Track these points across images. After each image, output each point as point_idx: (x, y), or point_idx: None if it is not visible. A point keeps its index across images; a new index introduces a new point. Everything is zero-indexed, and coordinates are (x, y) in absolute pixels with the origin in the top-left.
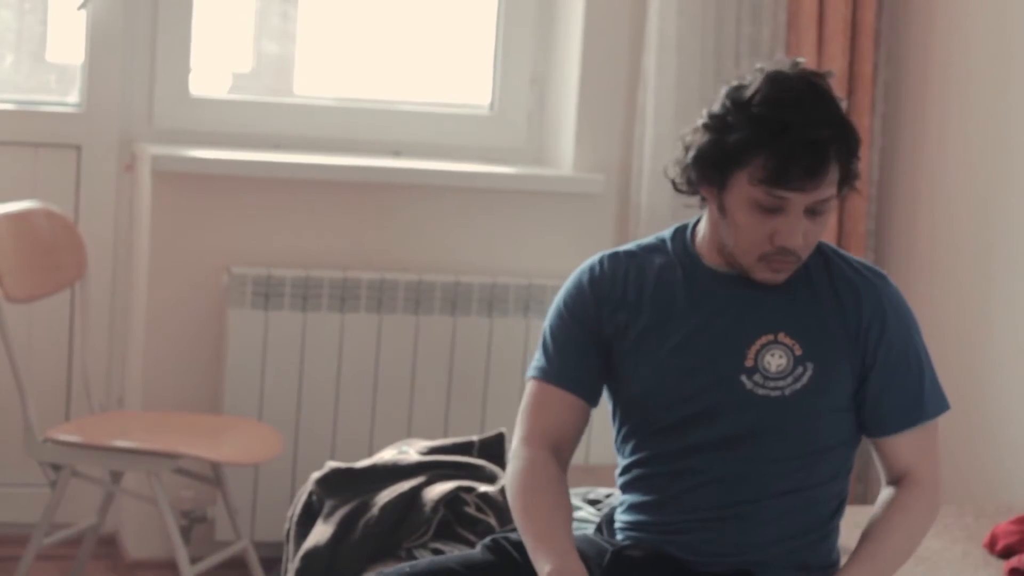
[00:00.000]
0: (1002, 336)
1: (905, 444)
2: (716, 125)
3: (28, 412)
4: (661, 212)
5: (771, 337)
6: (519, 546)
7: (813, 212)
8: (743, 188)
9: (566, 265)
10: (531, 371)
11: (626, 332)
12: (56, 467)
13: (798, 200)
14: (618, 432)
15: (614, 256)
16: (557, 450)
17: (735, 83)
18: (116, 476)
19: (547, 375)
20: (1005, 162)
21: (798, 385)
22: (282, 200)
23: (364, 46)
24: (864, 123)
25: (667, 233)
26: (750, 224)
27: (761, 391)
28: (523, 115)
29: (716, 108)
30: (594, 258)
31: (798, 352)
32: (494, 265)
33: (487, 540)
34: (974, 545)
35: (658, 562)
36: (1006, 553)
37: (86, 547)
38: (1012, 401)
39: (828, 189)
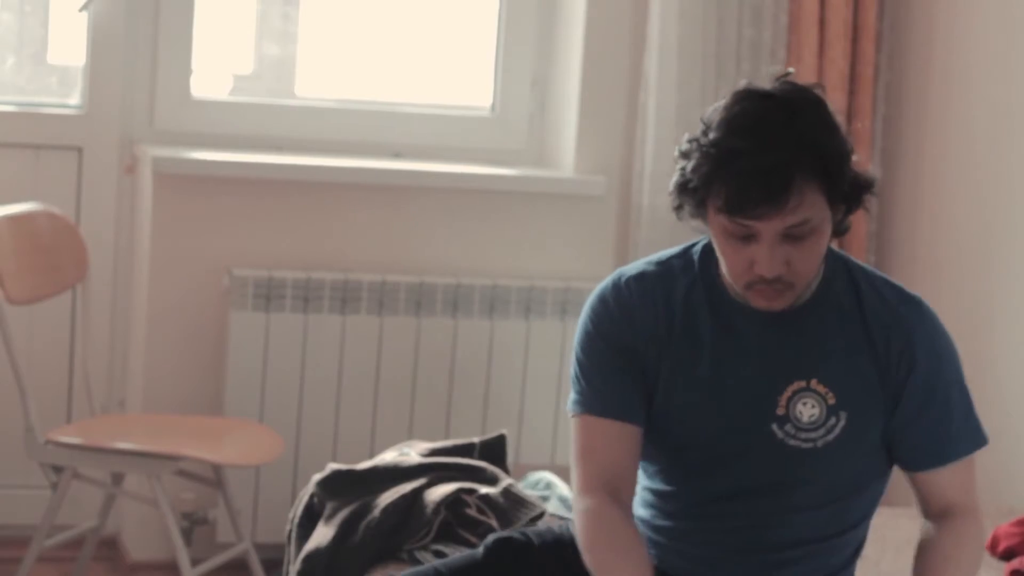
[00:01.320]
0: (1004, 337)
1: (941, 480)
2: (684, 153)
3: (29, 414)
4: (662, 214)
5: (803, 384)
6: (524, 547)
7: (792, 237)
8: (713, 217)
9: (567, 267)
10: (571, 407)
11: (658, 366)
12: (57, 469)
13: (766, 227)
14: (642, 458)
15: (640, 278)
16: (616, 489)
17: (714, 105)
18: (117, 478)
19: (590, 407)
20: (1006, 163)
21: (831, 437)
22: (283, 202)
23: (365, 48)
24: (865, 125)
25: (696, 250)
26: (728, 253)
27: (792, 442)
28: (524, 117)
29: (688, 134)
30: (615, 278)
31: (831, 401)
32: (495, 267)
33: (489, 540)
34: None
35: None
36: (1007, 555)
37: (87, 549)
38: (1013, 403)
39: (799, 213)
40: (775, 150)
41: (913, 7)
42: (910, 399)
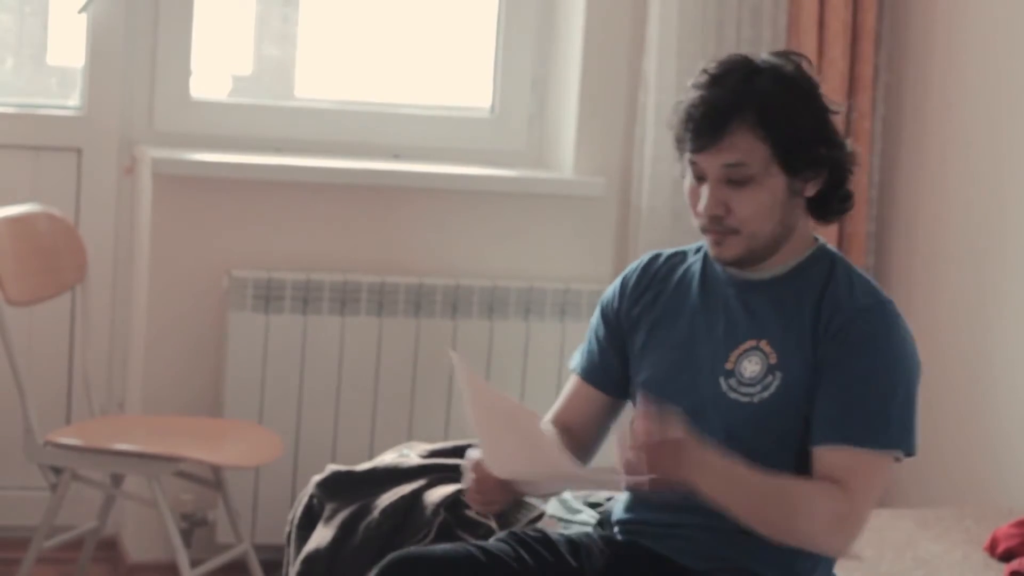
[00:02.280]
0: (1002, 339)
1: (830, 459)
2: (676, 106)
3: (29, 415)
4: (662, 214)
5: (753, 343)
6: (540, 541)
7: (733, 182)
8: (684, 161)
9: (567, 268)
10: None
11: (637, 328)
12: (57, 470)
13: (706, 163)
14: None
15: (656, 255)
16: (568, 430)
17: None
18: (117, 479)
19: (576, 367)
20: (1005, 164)
21: (766, 394)
22: (282, 203)
23: (365, 49)
24: (865, 126)
25: None
26: (689, 195)
27: (733, 395)
28: (524, 118)
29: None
30: (644, 256)
31: (772, 361)
32: (495, 268)
33: (502, 534)
34: (974, 548)
35: (655, 564)
36: (1007, 556)
37: (87, 550)
38: (1012, 404)
39: (733, 153)
40: (722, 94)
41: (912, 8)
42: (829, 371)
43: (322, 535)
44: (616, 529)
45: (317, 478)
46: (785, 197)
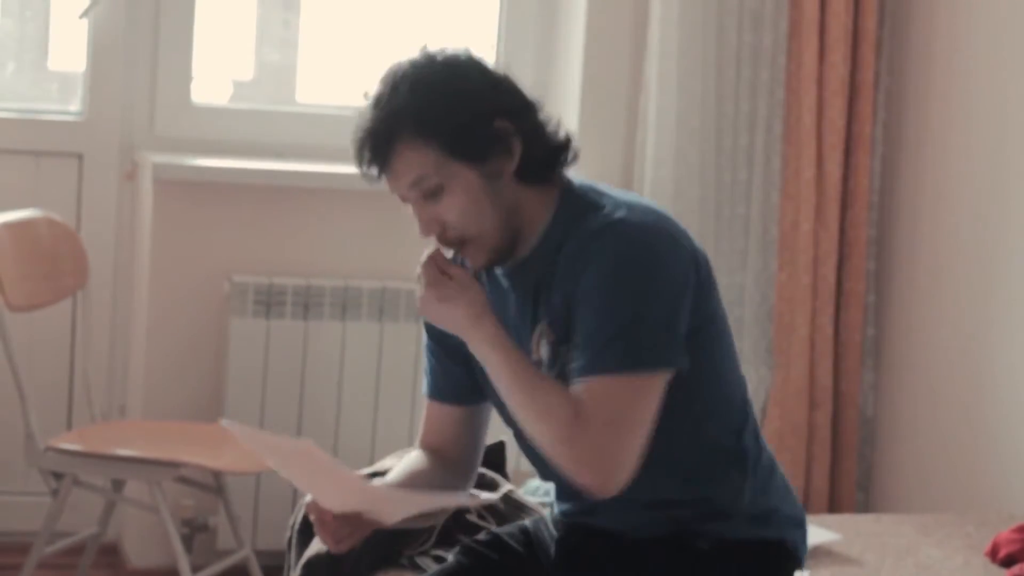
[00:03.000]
0: (1004, 342)
1: (575, 394)
2: None
3: (29, 421)
4: None
5: (539, 327)
6: (494, 545)
7: (427, 196)
8: None
9: None
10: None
11: (461, 343)
12: (58, 476)
13: (395, 188)
14: None
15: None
16: (438, 453)
17: None
18: (118, 485)
19: (425, 390)
20: (1006, 168)
21: (554, 371)
22: (283, 209)
23: (366, 54)
24: (866, 130)
25: None
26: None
27: None
28: None
29: None
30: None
31: (552, 339)
32: None
33: (458, 548)
34: (975, 554)
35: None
36: (1008, 562)
37: (87, 556)
38: (1013, 409)
39: (408, 171)
40: (372, 119)
41: (913, 13)
42: (574, 312)
43: None
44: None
45: None
46: (485, 185)
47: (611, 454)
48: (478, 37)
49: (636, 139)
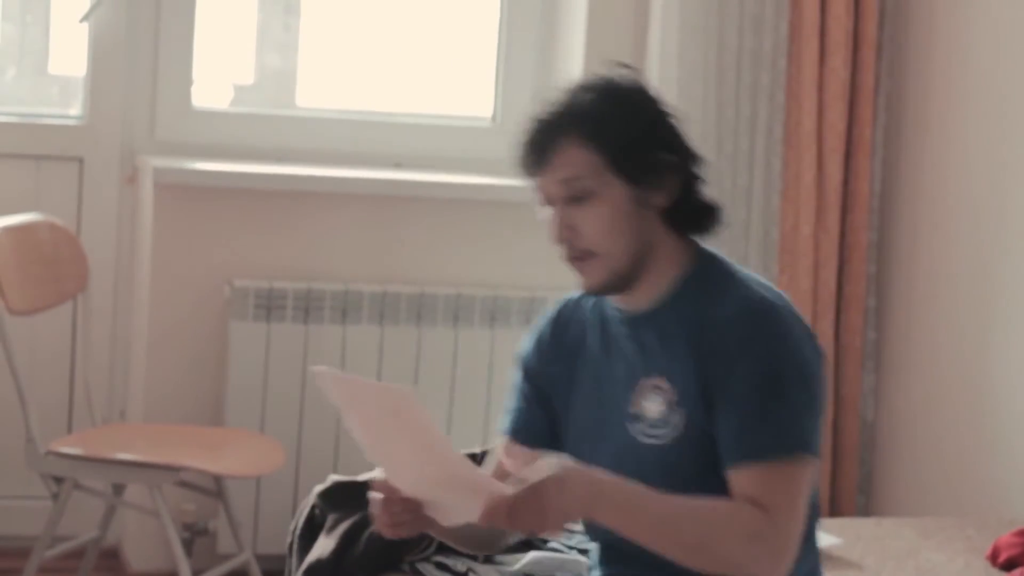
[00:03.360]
0: (1004, 348)
1: (741, 480)
2: None
3: (30, 424)
4: None
5: (651, 382)
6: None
7: (574, 199)
8: None
9: (567, 278)
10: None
11: (556, 385)
12: (58, 479)
13: (544, 185)
14: None
15: (566, 302)
16: None
17: None
18: (118, 489)
19: (502, 427)
20: (1006, 172)
21: (676, 433)
22: (284, 212)
23: (366, 58)
24: (866, 134)
25: None
26: (548, 228)
27: (645, 440)
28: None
29: None
30: (559, 301)
31: (673, 398)
32: (496, 277)
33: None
34: (976, 557)
35: None
36: (1008, 565)
37: (88, 560)
38: (1014, 413)
39: (564, 168)
40: (545, 114)
41: (913, 17)
42: (717, 391)
43: (324, 545)
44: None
45: (319, 488)
46: (631, 208)
47: (789, 537)
48: (478, 45)
49: None
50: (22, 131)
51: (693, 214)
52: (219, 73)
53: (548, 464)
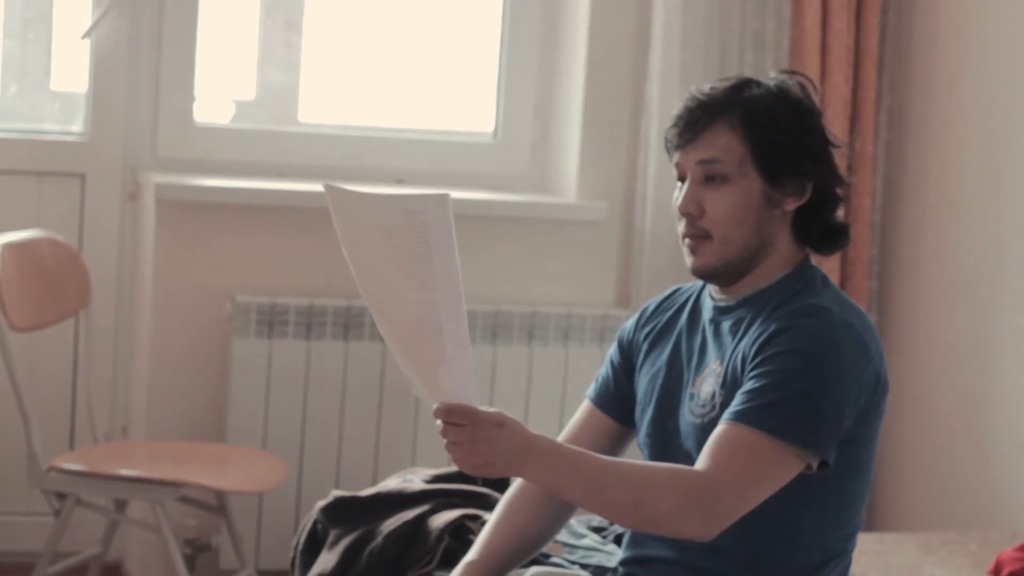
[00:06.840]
0: (1007, 362)
1: (719, 432)
2: None
3: (32, 441)
4: (664, 239)
5: (712, 365)
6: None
7: (709, 180)
8: None
9: (569, 293)
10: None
11: (640, 354)
12: (60, 496)
13: (685, 160)
14: None
15: (678, 288)
16: None
17: None
18: (120, 505)
19: (589, 392)
20: (1008, 187)
21: (714, 413)
22: (286, 228)
23: (368, 74)
24: (867, 150)
25: None
26: (675, 200)
27: (691, 417)
28: (526, 143)
29: None
30: (676, 286)
31: (720, 379)
32: (497, 293)
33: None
34: (979, 572)
35: None
36: None
37: None
38: (1017, 428)
39: (709, 149)
40: (711, 95)
41: (915, 32)
42: (752, 367)
43: (326, 561)
44: (621, 571)
45: (321, 503)
46: (760, 203)
47: (726, 504)
48: (480, 61)
49: (638, 160)
50: (24, 147)
51: (819, 228)
52: (221, 89)
53: (493, 411)
